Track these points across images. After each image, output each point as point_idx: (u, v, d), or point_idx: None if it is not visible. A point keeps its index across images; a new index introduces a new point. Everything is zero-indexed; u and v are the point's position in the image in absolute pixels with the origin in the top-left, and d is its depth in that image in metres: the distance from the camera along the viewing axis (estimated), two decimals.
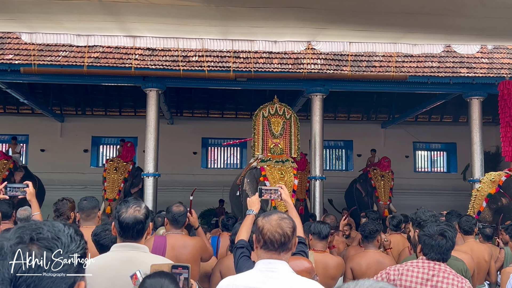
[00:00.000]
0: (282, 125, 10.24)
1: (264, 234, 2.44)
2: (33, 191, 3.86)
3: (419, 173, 18.94)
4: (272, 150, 10.04)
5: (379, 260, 4.58)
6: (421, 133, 17.99)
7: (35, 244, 1.26)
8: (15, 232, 1.30)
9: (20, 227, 1.32)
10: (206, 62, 10.92)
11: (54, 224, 1.34)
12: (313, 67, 11.14)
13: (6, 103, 17.10)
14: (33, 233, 1.29)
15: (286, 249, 2.45)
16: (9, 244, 1.26)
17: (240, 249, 3.06)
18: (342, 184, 16.10)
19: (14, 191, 3.79)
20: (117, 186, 12.22)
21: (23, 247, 1.25)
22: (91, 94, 17.17)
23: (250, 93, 15.17)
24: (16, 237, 1.28)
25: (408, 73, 11.21)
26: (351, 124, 18.36)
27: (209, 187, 15.35)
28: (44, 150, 17.37)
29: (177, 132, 17.27)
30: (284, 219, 2.50)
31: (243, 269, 2.72)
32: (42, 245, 1.27)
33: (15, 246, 1.25)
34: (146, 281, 2.35)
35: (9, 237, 1.28)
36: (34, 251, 1.25)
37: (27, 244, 1.26)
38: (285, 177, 9.54)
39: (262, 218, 2.53)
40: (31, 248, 1.25)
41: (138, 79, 11.17)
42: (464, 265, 3.76)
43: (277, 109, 10.38)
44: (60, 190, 15.80)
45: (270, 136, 10.14)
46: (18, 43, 11.12)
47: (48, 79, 11.94)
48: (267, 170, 9.62)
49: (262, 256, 2.46)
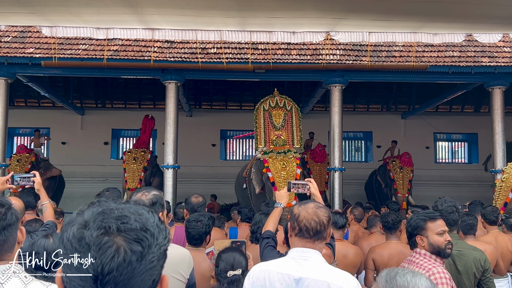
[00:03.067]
0: (283, 117, 10.34)
1: (300, 221, 2.44)
2: (40, 181, 3.83)
3: (439, 164, 18.77)
4: (274, 142, 10.16)
5: (402, 250, 4.54)
6: (442, 124, 17.80)
7: (122, 236, 1.07)
8: (94, 219, 1.10)
9: (99, 213, 1.11)
10: (224, 54, 10.91)
11: (138, 211, 1.15)
12: (332, 57, 11.06)
13: (27, 96, 17.35)
14: (118, 222, 1.09)
15: (321, 237, 2.45)
16: (90, 234, 1.07)
17: (266, 239, 3.14)
18: (361, 176, 16.03)
19: (22, 181, 3.79)
20: (138, 175, 12.32)
21: (108, 240, 1.06)
22: (111, 87, 17.32)
23: (268, 85, 15.14)
24: (97, 226, 1.08)
25: (429, 63, 11.06)
26: (371, 115, 18.24)
27: (228, 179, 15.41)
28: (65, 143, 17.59)
29: (196, 124, 17.34)
30: (320, 207, 2.51)
31: (268, 258, 2.76)
32: (131, 237, 1.08)
33: (99, 238, 1.06)
34: (222, 255, 2.95)
35: (86, 223, 1.10)
36: (123, 245, 1.06)
37: (113, 235, 1.07)
38: (287, 167, 9.62)
39: (298, 206, 2.53)
40: (117, 240, 1.07)
41: (157, 71, 11.21)
42: (482, 255, 3.71)
43: (278, 101, 10.47)
44: (81, 183, 16.07)
45: (272, 128, 10.26)
46: (38, 37, 11.22)
47: (68, 72, 12.05)
48: (269, 162, 9.72)
49: (296, 244, 2.46)
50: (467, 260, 3.63)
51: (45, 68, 10.83)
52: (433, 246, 3.10)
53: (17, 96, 17.07)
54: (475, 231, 4.80)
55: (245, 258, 2.97)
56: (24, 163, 13.11)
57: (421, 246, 3.14)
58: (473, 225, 4.73)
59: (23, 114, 16.74)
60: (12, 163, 13.00)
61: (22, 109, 17.26)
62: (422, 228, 3.15)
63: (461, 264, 3.63)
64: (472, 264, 3.62)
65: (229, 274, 2.86)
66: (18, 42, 11.11)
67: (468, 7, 8.63)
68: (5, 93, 10.98)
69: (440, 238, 3.10)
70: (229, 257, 2.92)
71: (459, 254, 3.63)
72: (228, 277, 2.86)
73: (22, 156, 13.30)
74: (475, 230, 4.78)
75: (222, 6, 8.93)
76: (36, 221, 4.40)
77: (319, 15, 9.40)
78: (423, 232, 3.14)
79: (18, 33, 11.43)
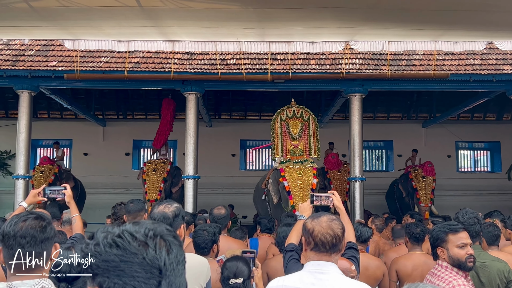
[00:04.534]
0: (300, 127, 10.39)
1: (315, 236, 2.44)
2: (71, 194, 3.91)
3: (461, 173, 18.52)
4: (291, 152, 10.20)
5: (425, 261, 4.50)
6: (464, 132, 17.59)
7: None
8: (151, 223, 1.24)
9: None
10: (244, 65, 10.96)
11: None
12: (351, 67, 11.04)
13: (50, 108, 17.62)
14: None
15: (337, 250, 2.45)
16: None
17: (290, 252, 3.14)
18: (382, 185, 15.91)
19: (53, 194, 3.85)
20: (157, 186, 12.38)
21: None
22: (132, 98, 17.50)
23: (287, 95, 15.16)
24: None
25: (449, 71, 10.97)
26: (391, 124, 18.11)
27: (248, 189, 15.41)
28: (87, 154, 17.79)
29: (216, 134, 17.40)
30: (333, 220, 2.50)
31: (292, 271, 2.76)
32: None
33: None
34: (226, 263, 3.12)
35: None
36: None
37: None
38: (303, 176, 9.64)
39: (311, 221, 2.53)
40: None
41: (177, 83, 11.31)
42: (506, 266, 3.66)
43: (295, 111, 10.53)
44: (103, 193, 16.22)
45: (289, 138, 10.32)
46: (61, 50, 11.41)
47: (91, 85, 12.23)
48: (286, 171, 9.76)
49: (312, 258, 2.46)
50: (491, 272, 3.58)
51: (68, 80, 11.00)
52: (453, 259, 3.07)
53: (40, 109, 17.35)
54: (499, 242, 4.74)
55: (248, 268, 3.10)
56: (47, 175, 13.31)
57: (442, 258, 3.11)
58: (498, 236, 4.67)
59: (46, 126, 16.99)
60: (36, 174, 13.20)
61: (45, 121, 17.52)
62: (442, 240, 3.12)
63: (484, 276, 3.59)
64: (495, 276, 3.57)
65: (230, 282, 3.04)
66: (41, 55, 11.32)
67: (488, 15, 8.56)
68: (29, 106, 11.18)
69: (460, 251, 3.06)
70: (232, 266, 3.08)
71: (482, 266, 3.58)
72: (230, 284, 3.05)
73: (46, 167, 13.51)
74: (499, 241, 4.72)
75: (241, 17, 9.00)
76: (61, 233, 4.47)
77: (338, 25, 9.41)
78: (443, 244, 3.11)
79: (41, 46, 11.66)
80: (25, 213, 2.16)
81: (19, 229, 2.05)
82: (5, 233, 2.05)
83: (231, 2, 8.17)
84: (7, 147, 17.32)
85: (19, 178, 10.87)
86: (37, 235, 2.06)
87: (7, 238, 2.04)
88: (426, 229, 4.87)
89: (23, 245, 2.02)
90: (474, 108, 15.26)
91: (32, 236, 2.05)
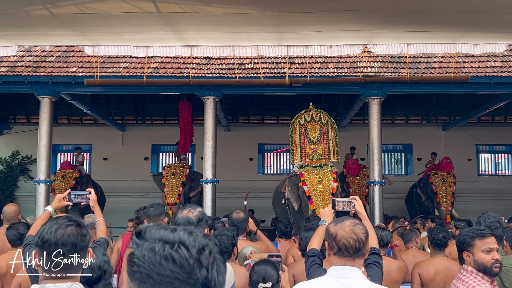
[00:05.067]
0: (319, 131, 10.30)
1: (338, 241, 2.43)
2: (96, 198, 3.97)
3: (482, 176, 18.28)
4: (311, 156, 10.12)
5: (448, 266, 4.47)
6: (484, 135, 17.36)
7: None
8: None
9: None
10: (261, 69, 10.99)
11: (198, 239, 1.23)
12: (369, 70, 10.99)
13: (70, 114, 17.82)
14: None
15: (360, 254, 2.44)
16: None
17: (312, 258, 3.14)
18: (402, 189, 15.77)
19: (78, 198, 3.91)
20: (176, 190, 12.47)
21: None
22: (151, 103, 17.62)
23: (305, 98, 15.13)
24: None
25: (470, 73, 10.86)
26: (410, 127, 17.95)
27: (266, 193, 15.38)
28: (106, 158, 17.95)
29: (234, 138, 17.43)
30: (357, 224, 2.49)
31: (314, 276, 2.76)
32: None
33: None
34: (255, 267, 3.11)
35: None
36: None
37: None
38: (323, 181, 9.58)
39: (334, 225, 2.52)
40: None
41: (195, 87, 11.37)
42: None
43: (313, 115, 10.44)
44: (122, 197, 16.34)
45: (307, 142, 10.24)
46: (81, 56, 11.57)
47: (110, 90, 12.36)
48: (306, 176, 9.70)
49: (336, 263, 2.45)
50: None
51: (88, 86, 11.14)
52: (478, 263, 3.04)
53: (60, 114, 17.54)
54: None
55: (276, 272, 3.09)
56: (68, 179, 13.46)
57: (467, 263, 3.07)
58: None
59: (66, 131, 17.18)
60: (57, 179, 13.36)
61: (65, 126, 17.72)
62: (468, 244, 3.09)
63: (508, 281, 3.54)
64: None
65: (259, 286, 3.04)
66: (62, 61, 11.49)
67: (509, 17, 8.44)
68: (50, 111, 11.33)
69: (486, 256, 3.02)
70: (261, 270, 3.07)
71: (505, 271, 3.53)
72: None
73: (67, 172, 13.67)
74: None
75: (259, 22, 9.01)
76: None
77: (356, 28, 9.36)
78: (469, 248, 3.07)
79: (61, 52, 11.83)
80: (63, 219, 2.16)
81: (60, 236, 2.06)
82: (46, 240, 2.06)
83: (249, 6, 8.19)
84: (28, 152, 17.56)
85: (40, 182, 11.01)
86: (77, 243, 2.08)
87: (47, 245, 2.05)
88: (448, 234, 4.82)
89: (64, 253, 2.04)
90: (495, 110, 15.06)
91: (72, 243, 2.07)
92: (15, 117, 18.08)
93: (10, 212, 5.87)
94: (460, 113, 16.43)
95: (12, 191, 17.34)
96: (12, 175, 17.47)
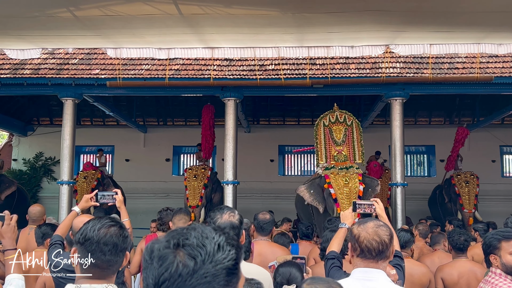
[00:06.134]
0: (344, 132, 10.18)
1: (361, 242, 2.40)
2: (122, 198, 4.03)
3: (507, 178, 17.98)
4: (335, 158, 10.00)
5: (471, 268, 4.40)
6: (508, 136, 17.06)
7: (181, 250, 1.22)
8: (166, 236, 1.27)
9: (172, 231, 1.30)
10: (282, 70, 10.96)
11: (204, 230, 1.28)
12: (392, 71, 10.89)
13: (93, 115, 18.05)
14: (181, 238, 1.24)
15: (384, 257, 2.40)
16: (158, 247, 1.24)
17: (331, 260, 3.12)
18: (425, 191, 15.61)
19: (105, 199, 3.96)
20: (198, 192, 12.49)
21: (168, 252, 1.21)
22: (172, 105, 17.74)
23: (326, 100, 15.07)
24: (165, 241, 1.25)
25: (493, 74, 10.69)
26: (433, 128, 17.75)
27: (287, 194, 15.35)
28: (128, 160, 18.10)
29: (254, 140, 17.43)
30: (380, 226, 2.45)
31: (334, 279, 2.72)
32: (187, 252, 1.21)
33: (162, 250, 1.22)
34: (279, 269, 3.10)
35: (161, 240, 1.26)
36: (178, 257, 1.21)
37: (173, 249, 1.22)
38: (349, 183, 9.45)
39: (357, 226, 2.49)
40: (176, 254, 1.22)
41: (216, 89, 11.40)
42: None
43: (338, 116, 10.32)
44: (144, 198, 16.47)
45: (332, 144, 10.13)
46: (104, 58, 11.69)
47: (132, 92, 12.46)
48: (331, 177, 9.57)
49: (359, 265, 2.42)
50: None
51: (110, 88, 11.25)
52: (506, 266, 2.98)
53: (83, 116, 17.77)
54: None
55: (301, 274, 3.06)
56: (90, 180, 13.60)
57: (495, 266, 3.02)
58: None
59: (88, 132, 17.38)
60: (79, 180, 13.51)
61: (88, 128, 17.93)
62: (495, 247, 3.03)
63: None
64: None
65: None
66: (85, 63, 11.62)
67: None
68: (73, 113, 11.47)
69: None
70: (285, 272, 3.05)
71: None
72: None
73: (89, 173, 13.81)
74: None
75: (279, 23, 8.99)
76: None
77: (378, 28, 9.28)
78: (496, 251, 3.02)
79: (84, 55, 11.96)
80: (106, 219, 2.17)
81: (103, 235, 2.07)
82: (88, 237, 2.07)
83: (270, 8, 8.18)
84: (51, 153, 17.81)
85: (63, 184, 11.14)
86: (118, 244, 2.08)
87: (89, 243, 2.06)
88: (470, 237, 4.74)
89: (104, 252, 2.04)
90: None
91: (114, 244, 2.07)
92: (39, 119, 18.38)
93: (36, 213, 5.97)
94: (483, 114, 16.20)
95: (36, 192, 17.60)
96: (36, 176, 17.74)
